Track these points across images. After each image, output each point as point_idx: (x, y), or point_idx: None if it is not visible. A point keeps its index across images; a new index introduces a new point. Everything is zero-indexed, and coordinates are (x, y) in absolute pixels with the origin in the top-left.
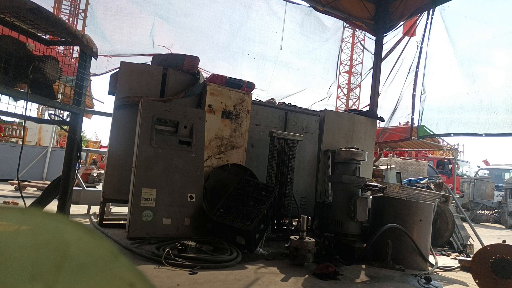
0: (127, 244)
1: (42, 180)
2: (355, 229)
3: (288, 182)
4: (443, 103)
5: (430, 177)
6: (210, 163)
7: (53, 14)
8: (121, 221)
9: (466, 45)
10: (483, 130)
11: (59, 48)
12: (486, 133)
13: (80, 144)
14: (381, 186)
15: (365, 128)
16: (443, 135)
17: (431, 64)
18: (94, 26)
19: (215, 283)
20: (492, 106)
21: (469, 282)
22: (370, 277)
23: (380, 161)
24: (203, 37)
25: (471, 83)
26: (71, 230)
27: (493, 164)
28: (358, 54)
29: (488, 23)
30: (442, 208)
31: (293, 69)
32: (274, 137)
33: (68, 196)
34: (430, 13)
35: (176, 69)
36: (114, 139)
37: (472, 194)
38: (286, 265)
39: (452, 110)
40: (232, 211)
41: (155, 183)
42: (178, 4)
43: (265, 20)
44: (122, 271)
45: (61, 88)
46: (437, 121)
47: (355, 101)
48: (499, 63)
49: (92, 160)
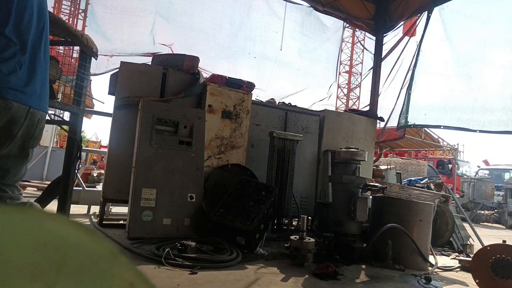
0: (127, 244)
1: (42, 180)
2: (355, 229)
3: (288, 182)
4: (435, 100)
5: (430, 177)
6: (210, 163)
7: (53, 14)
8: (121, 221)
9: (463, 44)
10: (477, 127)
11: (59, 48)
12: (481, 129)
13: (80, 144)
14: (381, 186)
15: (365, 128)
16: (432, 127)
17: (426, 62)
18: (94, 24)
19: (215, 283)
20: (487, 104)
21: (469, 282)
22: (370, 277)
23: (380, 161)
24: (204, 37)
25: (466, 81)
26: (71, 230)
27: (493, 164)
28: (358, 54)
29: (487, 22)
30: (442, 208)
31: (293, 69)
32: (274, 137)
33: (68, 196)
34: (429, 13)
35: (176, 69)
36: (114, 139)
37: (472, 194)
38: (286, 265)
39: (445, 107)
40: (232, 211)
41: (155, 183)
42: (179, 3)
43: (266, 20)
44: (122, 271)
45: (61, 88)
46: (426, 112)
47: (355, 101)
48: (496, 61)
49: (92, 160)
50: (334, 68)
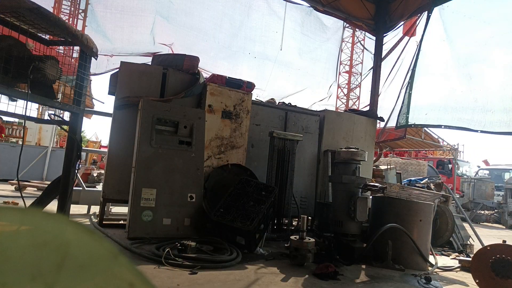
0: (127, 244)
1: (42, 180)
2: (355, 229)
3: (288, 182)
4: (436, 100)
5: (430, 177)
6: (210, 163)
7: (53, 14)
8: (121, 221)
9: (463, 44)
10: (478, 127)
11: (59, 48)
12: (482, 130)
13: (80, 144)
14: (381, 186)
15: (365, 128)
16: (433, 126)
17: (426, 62)
18: (94, 24)
19: (215, 283)
20: (488, 104)
21: (469, 282)
22: (370, 277)
23: (380, 161)
24: (204, 36)
25: (466, 81)
26: (71, 230)
27: (493, 164)
28: (358, 54)
29: (488, 22)
30: (442, 208)
31: (293, 69)
32: (274, 137)
33: (68, 196)
34: (429, 13)
35: (176, 69)
36: (114, 139)
37: (472, 194)
38: (286, 265)
39: (445, 107)
40: (232, 211)
41: (155, 183)
42: (179, 3)
43: (266, 20)
44: (122, 271)
45: (61, 88)
46: (427, 112)
47: (355, 101)
48: (497, 62)
49: (92, 160)
50: (334, 68)
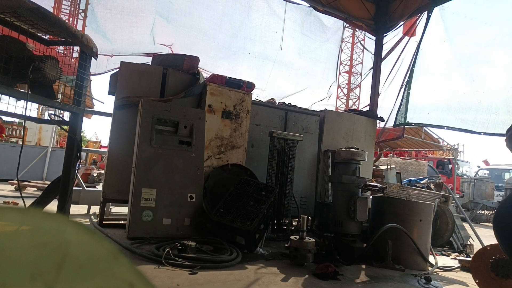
0: (127, 244)
1: (42, 180)
2: (355, 229)
3: (288, 182)
4: (437, 100)
5: (430, 177)
6: (210, 163)
7: (53, 14)
8: (121, 221)
9: (465, 45)
10: (481, 129)
11: (59, 48)
12: (485, 132)
13: (80, 144)
14: (381, 186)
15: (365, 128)
16: (435, 126)
17: (426, 62)
18: (94, 24)
19: (215, 283)
20: (492, 106)
21: (469, 282)
22: (370, 277)
23: (380, 161)
24: (204, 37)
25: (469, 83)
26: (71, 230)
27: (493, 164)
28: (358, 54)
29: (489, 24)
30: (442, 208)
31: (293, 69)
32: (274, 137)
33: (68, 196)
34: (429, 13)
35: (176, 69)
36: (114, 139)
37: (472, 194)
38: (286, 265)
39: (448, 107)
40: (232, 211)
41: (155, 183)
42: (179, 3)
43: (266, 20)
44: (122, 271)
45: (61, 88)
46: (428, 112)
47: (355, 101)
48: (500, 63)
49: (92, 160)
50: (334, 68)
